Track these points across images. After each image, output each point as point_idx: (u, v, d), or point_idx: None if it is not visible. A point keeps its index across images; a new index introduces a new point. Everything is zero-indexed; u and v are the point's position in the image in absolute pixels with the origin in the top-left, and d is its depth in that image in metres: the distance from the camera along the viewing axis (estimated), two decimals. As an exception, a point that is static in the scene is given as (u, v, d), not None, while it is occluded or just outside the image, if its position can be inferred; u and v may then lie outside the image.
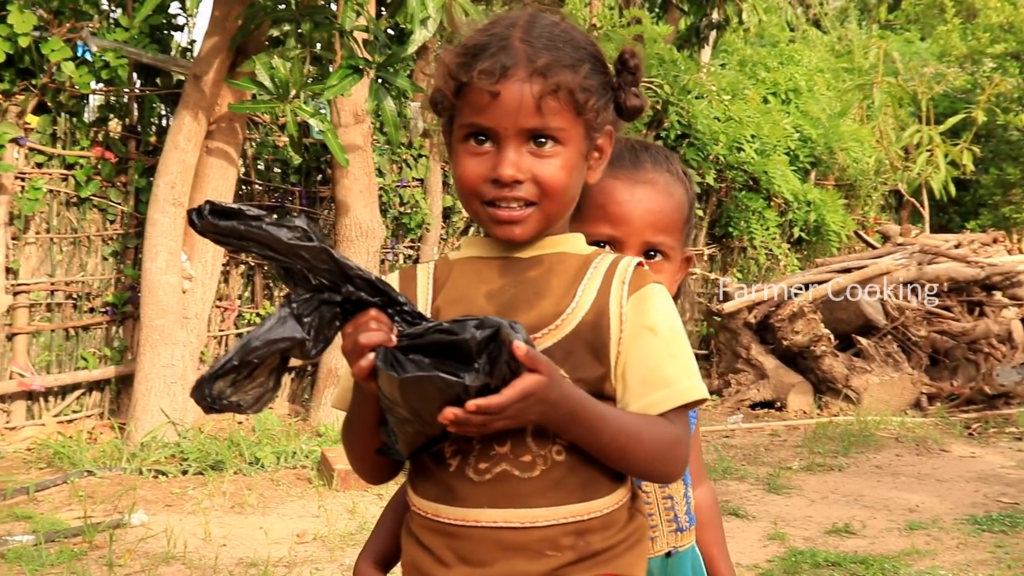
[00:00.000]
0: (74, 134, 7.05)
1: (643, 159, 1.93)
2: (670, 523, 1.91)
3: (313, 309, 1.51)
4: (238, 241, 1.49)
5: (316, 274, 1.50)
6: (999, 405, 8.95)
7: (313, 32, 6.10)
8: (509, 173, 1.61)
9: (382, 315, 1.51)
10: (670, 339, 1.65)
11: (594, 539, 1.61)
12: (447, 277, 1.70)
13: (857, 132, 13.18)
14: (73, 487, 5.75)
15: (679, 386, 1.63)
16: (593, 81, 1.66)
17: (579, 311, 1.62)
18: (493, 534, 1.58)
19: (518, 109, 1.60)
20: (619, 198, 1.90)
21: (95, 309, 7.18)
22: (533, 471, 1.58)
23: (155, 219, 6.58)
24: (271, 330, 1.50)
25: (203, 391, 1.51)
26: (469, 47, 1.64)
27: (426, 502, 1.64)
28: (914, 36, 18.46)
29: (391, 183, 8.43)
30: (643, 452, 1.61)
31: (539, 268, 1.67)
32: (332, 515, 5.43)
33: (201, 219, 1.48)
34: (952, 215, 17.09)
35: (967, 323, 9.66)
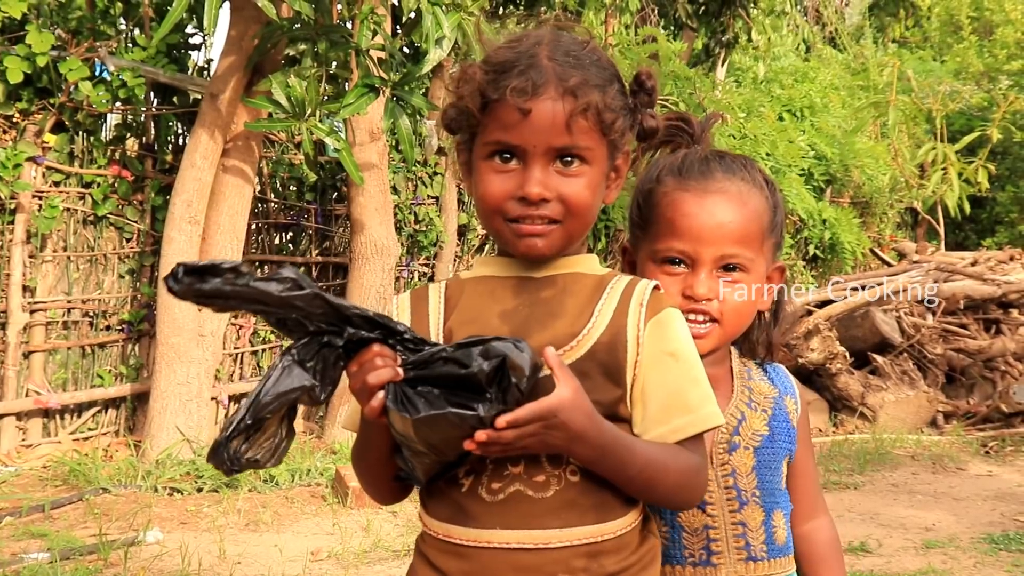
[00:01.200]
0: (91, 153, 7.09)
1: (713, 168, 1.85)
2: (739, 551, 1.82)
3: (315, 353, 1.50)
4: (224, 301, 1.47)
5: (313, 320, 1.48)
6: (1016, 423, 8.90)
7: (329, 51, 6.12)
8: (536, 191, 1.60)
9: (385, 349, 1.50)
10: (691, 364, 1.64)
11: (607, 561, 1.59)
12: (459, 297, 1.69)
13: (872, 149, 13.18)
14: (88, 505, 5.76)
15: (701, 413, 1.62)
16: (619, 102, 1.65)
17: (595, 332, 1.61)
18: (506, 555, 1.57)
19: (548, 128, 1.59)
20: (688, 211, 1.82)
21: (111, 327, 7.21)
22: (547, 491, 1.57)
23: (171, 237, 6.61)
24: (278, 382, 1.49)
25: (221, 456, 1.50)
26: (496, 63, 1.62)
27: (438, 523, 1.63)
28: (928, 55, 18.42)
29: (406, 201, 8.45)
30: (669, 482, 1.60)
31: (553, 288, 1.66)
32: (347, 533, 5.43)
33: (178, 283, 1.46)
34: (968, 232, 17.03)
35: (983, 341, 9.61)
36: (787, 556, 1.88)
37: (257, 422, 1.49)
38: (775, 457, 1.87)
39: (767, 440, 1.86)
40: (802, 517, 1.94)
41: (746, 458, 1.84)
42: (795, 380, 1.98)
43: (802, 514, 1.94)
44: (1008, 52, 16.93)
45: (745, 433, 1.85)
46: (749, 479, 1.84)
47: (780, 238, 1.91)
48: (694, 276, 1.83)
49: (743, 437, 1.85)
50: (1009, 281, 10.30)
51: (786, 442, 1.89)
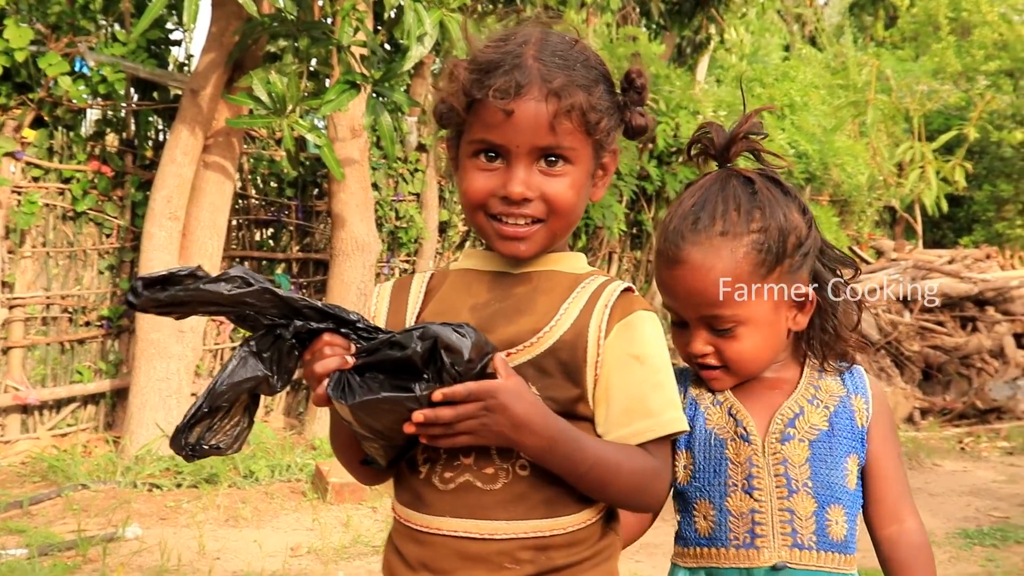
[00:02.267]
0: (71, 148, 7.07)
1: (685, 232, 1.86)
2: (785, 537, 1.84)
3: (271, 344, 1.55)
4: (181, 307, 1.51)
5: (267, 314, 1.53)
6: (991, 420, 8.99)
7: (310, 48, 6.13)
8: (519, 191, 1.61)
9: (336, 338, 1.54)
10: (656, 368, 1.64)
11: (556, 555, 1.60)
12: (440, 288, 1.70)
13: (852, 148, 13.24)
14: (67, 501, 5.76)
15: (662, 417, 1.64)
16: (605, 102, 1.66)
17: (557, 330, 1.61)
18: (454, 543, 1.59)
19: (531, 128, 1.60)
20: (664, 281, 1.90)
21: (91, 323, 7.19)
22: (495, 483, 1.59)
23: (151, 233, 6.60)
24: (234, 372, 1.54)
25: (180, 441, 1.56)
26: (481, 63, 1.63)
27: (401, 507, 1.67)
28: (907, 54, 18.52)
29: (387, 197, 8.45)
30: (621, 483, 1.61)
31: (527, 285, 1.67)
32: (326, 528, 5.44)
33: (138, 297, 1.49)
34: (946, 231, 17.13)
35: (960, 338, 9.69)
36: (846, 555, 1.88)
37: (213, 410, 1.54)
38: (832, 452, 1.88)
39: (824, 435, 1.88)
40: (884, 521, 1.94)
41: (800, 450, 1.86)
42: (874, 384, 1.99)
43: (884, 518, 1.94)
44: (986, 52, 17.03)
45: (801, 426, 1.88)
46: (802, 470, 1.86)
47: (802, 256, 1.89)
48: (690, 335, 1.90)
49: (798, 430, 1.88)
50: (985, 279, 10.38)
51: (848, 440, 1.90)
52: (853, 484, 1.91)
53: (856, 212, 13.94)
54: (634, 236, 10.55)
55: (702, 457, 1.88)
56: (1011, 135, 16.15)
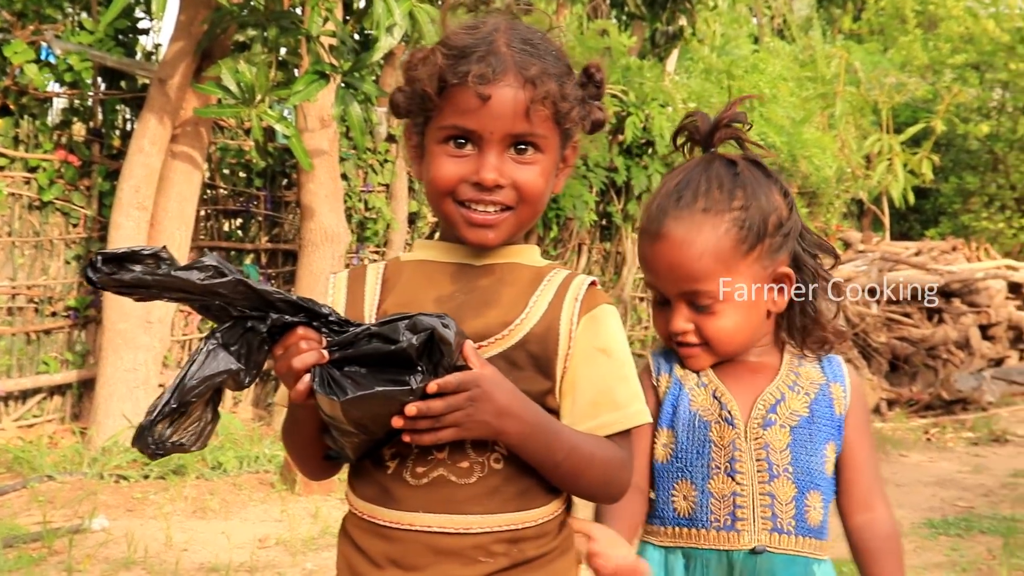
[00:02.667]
0: (37, 137, 7.02)
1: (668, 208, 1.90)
2: (765, 520, 1.86)
3: (239, 337, 1.50)
4: (146, 290, 1.46)
5: (236, 306, 1.48)
6: (956, 411, 9.08)
7: (279, 37, 6.10)
8: (491, 177, 1.60)
9: (310, 331, 1.50)
10: (622, 361, 1.66)
11: (528, 547, 1.61)
12: (397, 279, 1.69)
13: (820, 140, 13.30)
14: (33, 492, 5.72)
15: (628, 410, 1.65)
16: (572, 90, 1.66)
17: (527, 323, 1.61)
18: (427, 538, 1.58)
19: (507, 115, 1.60)
20: (646, 256, 1.93)
21: (57, 313, 7.15)
22: (470, 478, 1.58)
23: (119, 223, 6.56)
24: (204, 366, 1.49)
25: (146, 440, 1.49)
26: (454, 47, 1.62)
27: (363, 503, 1.65)
28: (875, 47, 18.61)
29: (356, 188, 8.44)
30: (595, 472, 1.62)
31: (490, 277, 1.67)
32: (295, 519, 5.43)
33: (97, 272, 1.44)
34: (913, 223, 17.27)
35: (926, 330, 9.77)
36: (820, 540, 1.91)
37: (182, 406, 1.49)
38: (812, 439, 1.90)
39: (805, 421, 1.90)
40: (856, 508, 1.96)
41: (781, 435, 1.88)
42: (852, 373, 2.01)
43: (856, 506, 1.96)
44: (952, 46, 17.16)
45: (782, 412, 1.90)
46: (783, 455, 1.88)
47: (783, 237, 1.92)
48: (671, 311, 1.92)
49: (779, 416, 1.90)
50: (951, 271, 10.47)
51: (827, 427, 1.92)
52: (830, 471, 1.94)
53: (824, 204, 14.01)
54: (603, 228, 10.57)
55: (685, 437, 1.89)
56: (977, 128, 16.29)
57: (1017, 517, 5.81)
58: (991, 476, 6.98)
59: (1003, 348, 10.61)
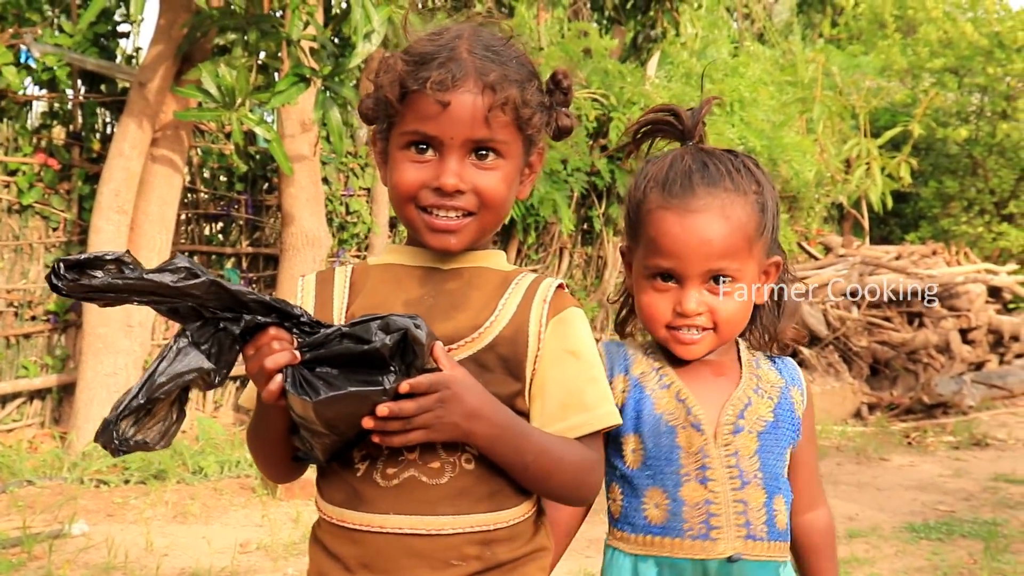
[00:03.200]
0: (16, 140, 6.98)
1: (695, 183, 1.86)
2: (739, 528, 1.85)
3: (210, 336, 1.49)
4: (116, 295, 1.44)
5: (208, 307, 1.47)
6: (937, 415, 9.11)
7: (259, 41, 6.08)
8: (451, 183, 1.61)
9: (282, 332, 1.49)
10: (591, 364, 1.67)
11: (500, 550, 1.61)
12: (364, 282, 1.69)
13: (800, 144, 13.35)
14: (12, 497, 5.69)
15: (598, 411, 1.65)
16: (533, 95, 1.66)
17: (497, 326, 1.62)
18: (399, 541, 1.58)
19: (466, 120, 1.60)
20: (671, 231, 1.85)
21: (37, 317, 7.11)
22: (441, 478, 1.58)
23: (99, 227, 6.53)
24: (174, 363, 1.47)
25: (110, 435, 1.47)
26: (415, 54, 1.63)
27: (332, 507, 1.64)
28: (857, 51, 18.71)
29: (337, 192, 8.42)
30: (564, 475, 1.62)
31: (459, 281, 1.67)
32: (275, 524, 5.42)
33: (60, 280, 1.42)
34: (893, 227, 17.35)
35: (907, 334, 9.81)
36: (785, 542, 1.92)
37: (149, 402, 1.47)
38: (778, 444, 1.90)
39: (771, 426, 1.90)
40: (802, 507, 1.97)
41: (749, 441, 1.87)
42: (803, 374, 2.01)
43: (802, 504, 1.97)
44: (931, 50, 17.26)
45: (750, 417, 1.89)
46: (752, 461, 1.87)
47: (774, 232, 1.94)
48: (683, 292, 1.87)
49: (748, 421, 1.88)
50: (932, 275, 10.52)
51: (790, 431, 1.93)
52: (786, 473, 1.94)
53: (804, 208, 14.07)
54: (584, 232, 10.58)
55: (652, 444, 1.86)
56: (956, 132, 16.39)
57: (998, 521, 5.84)
58: (972, 480, 7.01)
59: (983, 352, 10.66)
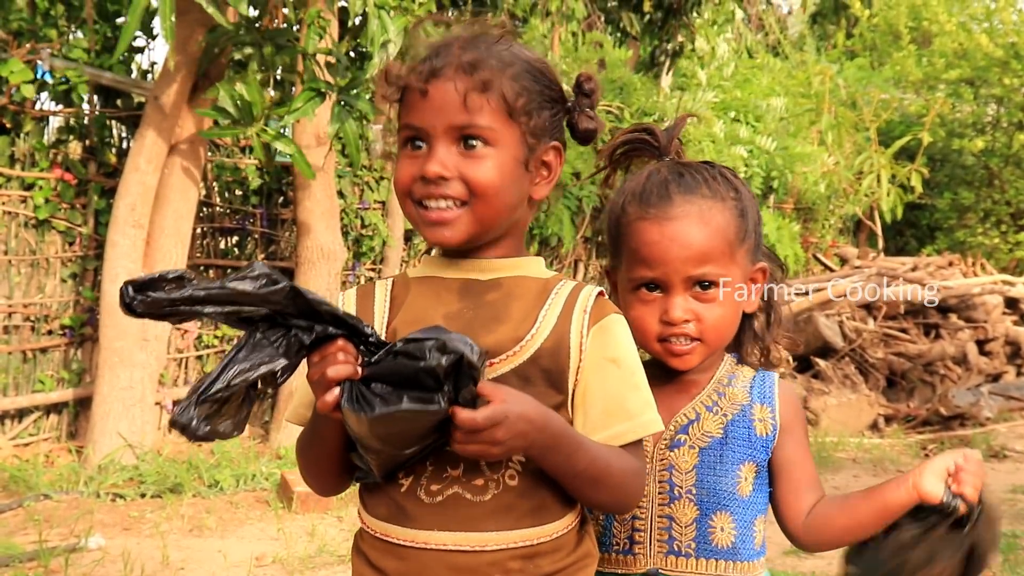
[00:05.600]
0: (33, 155, 7.01)
1: (672, 192, 1.87)
2: (661, 544, 1.84)
3: (280, 337, 1.49)
4: (191, 307, 1.44)
5: (284, 315, 1.48)
6: (954, 426, 9.05)
7: (275, 56, 6.10)
8: (435, 170, 1.61)
9: (348, 345, 1.49)
10: (632, 370, 1.66)
11: (543, 562, 1.61)
12: (405, 296, 1.69)
13: (809, 154, 13.31)
14: (29, 511, 5.70)
15: (641, 419, 1.64)
16: (526, 85, 1.65)
17: (539, 338, 1.61)
18: (442, 556, 1.58)
19: (445, 107, 1.61)
20: (651, 239, 1.86)
21: (53, 331, 7.13)
22: (485, 495, 1.58)
23: (115, 241, 6.55)
24: (252, 353, 1.48)
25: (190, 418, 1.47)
26: (412, 59, 1.67)
27: (376, 521, 1.64)
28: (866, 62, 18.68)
29: (352, 205, 8.44)
30: (612, 483, 1.61)
31: (498, 291, 1.66)
32: (291, 538, 5.41)
33: (134, 301, 1.42)
34: (909, 238, 17.29)
35: (923, 345, 9.77)
36: (735, 562, 1.86)
37: (228, 389, 1.47)
38: (723, 460, 1.87)
39: (717, 442, 1.87)
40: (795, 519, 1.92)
41: (688, 456, 1.85)
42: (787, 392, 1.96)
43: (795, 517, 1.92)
44: (946, 61, 17.21)
45: (693, 433, 1.87)
46: (687, 476, 1.85)
47: (757, 238, 1.94)
48: (668, 300, 1.86)
49: (690, 436, 1.87)
50: (948, 286, 10.48)
51: (743, 448, 1.89)
52: (746, 491, 1.89)
53: (819, 220, 14.04)
54: (599, 244, 10.57)
55: None
56: (972, 143, 16.33)
57: (1016, 533, 5.80)
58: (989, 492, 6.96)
59: (1000, 363, 10.60)
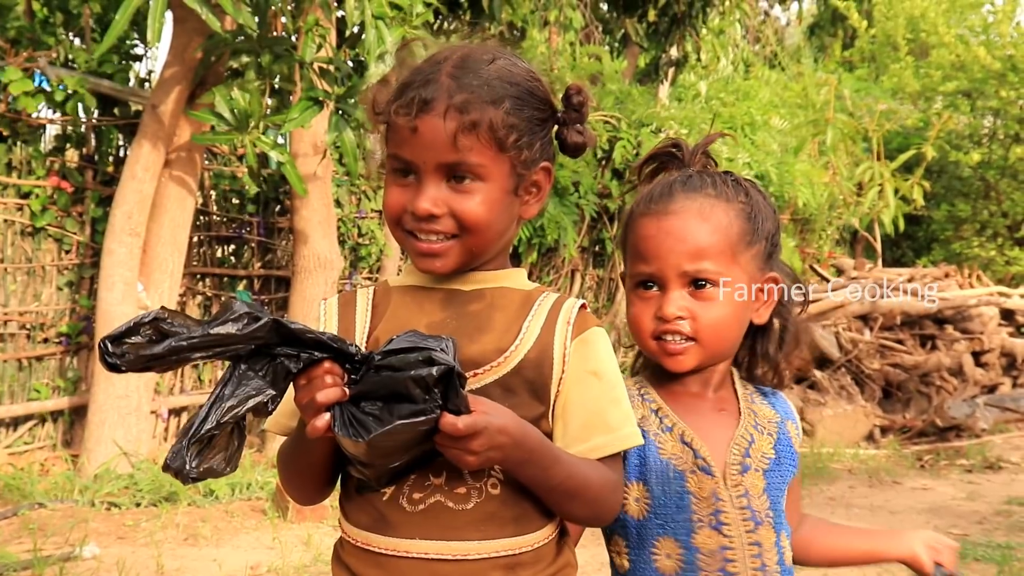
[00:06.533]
0: (30, 163, 7.01)
1: (675, 190, 1.88)
2: (756, 571, 1.80)
3: (265, 365, 1.48)
4: (176, 357, 1.42)
5: (269, 345, 1.47)
6: (950, 437, 9.06)
7: (273, 64, 6.11)
8: (424, 207, 1.61)
9: (335, 367, 1.48)
10: (613, 384, 1.66)
11: (524, 573, 1.61)
12: (387, 304, 1.69)
13: (809, 172, 13.29)
14: (23, 520, 5.68)
15: (621, 432, 1.65)
16: (517, 118, 1.63)
17: (522, 349, 1.61)
18: (424, 565, 1.58)
19: (434, 145, 1.60)
20: (648, 234, 1.86)
21: (49, 340, 7.12)
22: (467, 503, 1.58)
23: (111, 249, 6.55)
24: (239, 387, 1.47)
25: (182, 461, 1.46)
26: (399, 83, 1.65)
27: (358, 530, 1.64)
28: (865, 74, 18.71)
29: (350, 214, 8.44)
30: (589, 496, 1.61)
31: (481, 302, 1.67)
32: (287, 547, 5.40)
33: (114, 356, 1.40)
34: (905, 250, 17.31)
35: (919, 356, 9.78)
36: None
37: (218, 427, 1.46)
38: (782, 480, 1.87)
39: (774, 463, 1.87)
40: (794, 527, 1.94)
41: (757, 480, 1.84)
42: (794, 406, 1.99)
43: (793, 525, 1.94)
44: (943, 73, 17.25)
45: (755, 455, 1.85)
46: (761, 500, 1.83)
47: (771, 246, 1.92)
48: (664, 297, 1.85)
49: (754, 459, 1.85)
50: (944, 297, 10.48)
51: (791, 466, 1.90)
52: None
53: (816, 231, 14.05)
54: (596, 254, 10.58)
55: (660, 491, 1.82)
56: (968, 156, 16.36)
57: (1012, 545, 5.80)
58: (985, 503, 6.97)
59: (996, 375, 10.61)
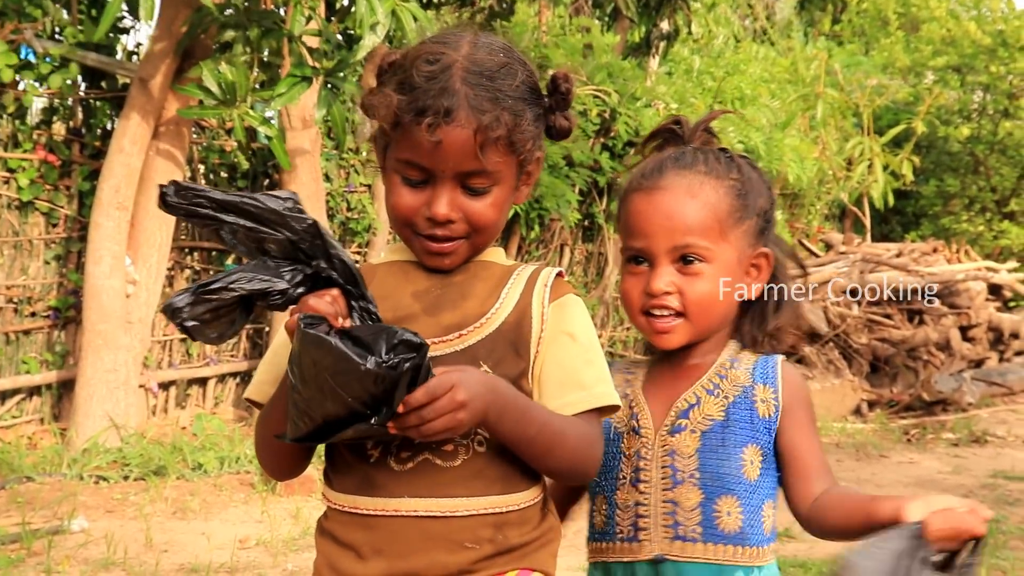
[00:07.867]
0: (16, 137, 6.97)
1: (666, 166, 1.91)
2: (667, 529, 1.84)
3: (287, 267, 1.52)
4: (216, 207, 1.48)
5: (297, 247, 1.50)
6: (937, 412, 9.12)
7: (261, 38, 6.07)
8: (444, 212, 1.65)
9: (341, 298, 1.52)
10: (587, 346, 1.70)
11: (511, 533, 1.64)
12: (372, 278, 1.71)
13: (798, 148, 13.28)
14: (12, 493, 5.69)
15: (594, 390, 1.68)
16: (528, 122, 1.68)
17: (503, 311, 1.67)
18: (413, 523, 1.60)
19: (457, 155, 1.62)
20: (638, 209, 1.90)
21: (37, 313, 7.10)
22: (455, 460, 1.62)
23: (99, 223, 6.53)
24: (258, 267, 1.51)
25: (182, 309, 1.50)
26: (407, 84, 1.64)
27: (344, 495, 1.66)
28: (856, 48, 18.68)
29: (339, 188, 8.42)
30: (567, 449, 1.64)
31: (464, 273, 1.73)
32: (275, 520, 5.42)
33: (168, 191, 1.48)
34: (894, 225, 17.35)
35: (907, 331, 9.81)
36: (744, 547, 1.85)
37: (226, 290, 1.49)
38: (725, 443, 1.86)
39: (719, 425, 1.87)
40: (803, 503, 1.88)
41: (690, 440, 1.86)
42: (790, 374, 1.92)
43: (803, 501, 1.88)
44: (933, 48, 17.24)
45: (694, 417, 1.87)
46: (689, 461, 1.85)
47: (764, 222, 1.94)
48: (653, 272, 1.88)
49: (691, 420, 1.87)
50: (932, 272, 10.52)
51: (746, 430, 1.87)
52: (753, 475, 1.87)
53: (805, 206, 14.06)
54: (586, 228, 10.57)
55: (605, 452, 1.83)
56: (958, 131, 16.38)
57: (997, 518, 5.83)
58: (971, 477, 7.02)
59: (983, 349, 10.67)
